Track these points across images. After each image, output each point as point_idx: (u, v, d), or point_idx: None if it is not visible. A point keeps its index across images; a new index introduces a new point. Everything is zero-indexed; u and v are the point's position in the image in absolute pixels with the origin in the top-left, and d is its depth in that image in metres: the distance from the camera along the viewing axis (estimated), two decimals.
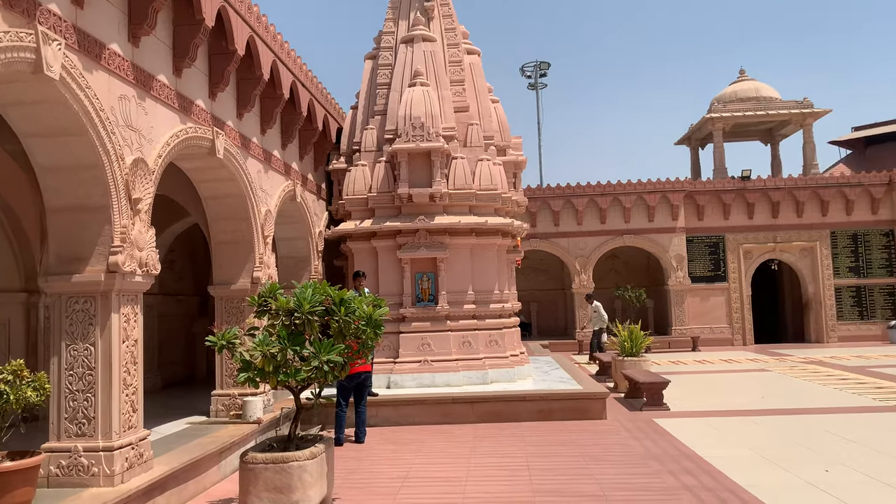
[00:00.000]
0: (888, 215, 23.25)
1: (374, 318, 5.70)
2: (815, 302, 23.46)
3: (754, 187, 23.45)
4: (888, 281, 23.13)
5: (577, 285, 23.62)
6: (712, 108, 26.62)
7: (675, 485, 6.41)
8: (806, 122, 26.13)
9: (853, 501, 5.74)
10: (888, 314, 23.02)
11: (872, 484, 6.27)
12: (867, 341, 22.62)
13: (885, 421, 9.31)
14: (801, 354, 19.36)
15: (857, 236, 23.31)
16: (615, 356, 13.46)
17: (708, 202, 23.66)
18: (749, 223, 23.58)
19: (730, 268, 23.53)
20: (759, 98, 26.52)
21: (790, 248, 23.50)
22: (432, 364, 11.16)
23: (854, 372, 14.84)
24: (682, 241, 23.45)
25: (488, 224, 11.74)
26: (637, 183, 23.62)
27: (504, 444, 8.44)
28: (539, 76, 37.89)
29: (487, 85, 13.52)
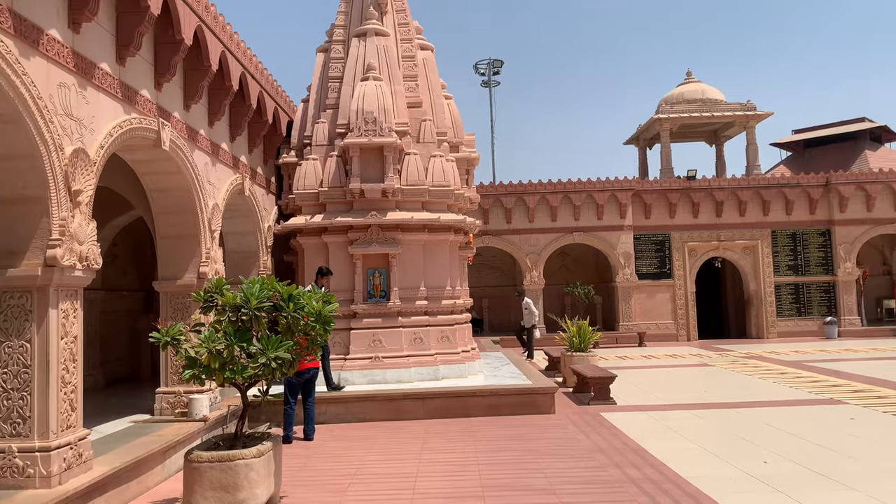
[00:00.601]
0: (825, 215, 24.18)
1: (323, 314, 5.64)
2: (756, 299, 24.25)
3: (699, 187, 24.09)
4: (825, 279, 24.07)
5: (529, 282, 23.87)
6: (660, 109, 27.22)
7: (621, 477, 6.54)
8: (749, 124, 26.96)
9: (788, 491, 5.96)
10: (824, 311, 23.96)
11: (806, 473, 6.52)
12: (805, 337, 23.52)
13: (820, 413, 9.69)
14: (743, 349, 19.99)
15: (796, 235, 24.19)
16: (564, 351, 13.66)
17: (655, 201, 24.20)
18: (694, 222, 24.22)
19: (675, 265, 24.13)
20: (704, 100, 27.22)
21: (733, 246, 24.22)
22: (383, 360, 11.13)
23: (792, 366, 15.40)
24: (629, 239, 23.93)
25: (441, 220, 11.75)
26: (587, 182, 23.99)
27: (454, 440, 8.48)
28: (492, 74, 38.10)
29: (441, 81, 13.53)
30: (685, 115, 26.56)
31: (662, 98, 28.27)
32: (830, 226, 24.11)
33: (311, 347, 5.84)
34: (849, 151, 30.26)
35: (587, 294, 24.09)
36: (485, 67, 38.15)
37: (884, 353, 17.68)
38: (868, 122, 30.82)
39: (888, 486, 5.99)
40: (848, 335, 23.24)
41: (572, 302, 25.13)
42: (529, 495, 6.06)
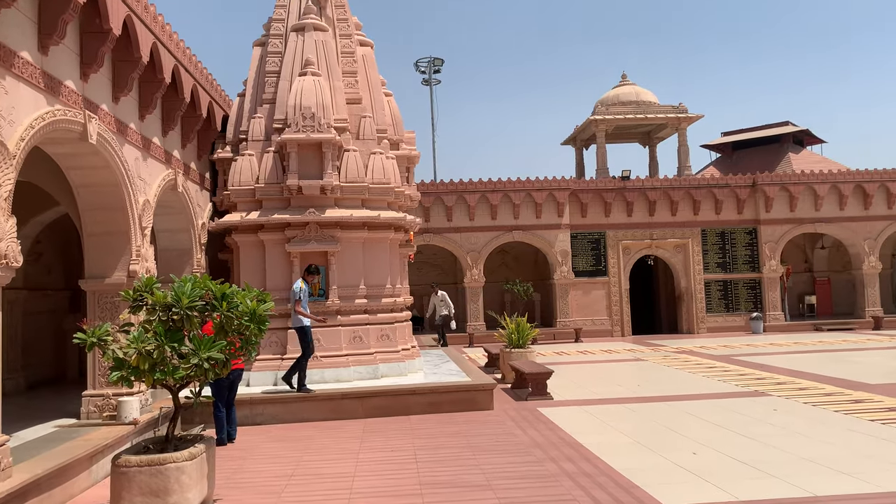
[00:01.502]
0: (752, 215, 25.18)
1: (258, 313, 5.55)
2: (686, 295, 25.07)
3: (633, 187, 24.73)
4: (751, 276, 25.08)
5: (469, 280, 24.03)
6: (596, 111, 27.81)
7: (556, 471, 6.67)
8: (681, 126, 27.82)
9: (715, 480, 6.19)
10: (751, 306, 24.97)
11: (732, 463, 6.79)
12: (732, 332, 24.46)
13: (746, 405, 10.10)
14: (674, 344, 20.65)
15: (725, 234, 25.12)
16: (503, 348, 13.81)
17: (591, 200, 24.71)
18: (628, 221, 24.86)
19: (610, 263, 24.72)
20: (638, 102, 27.95)
21: (665, 244, 24.97)
22: (322, 360, 11.01)
23: (720, 360, 16.00)
24: (566, 237, 24.37)
25: (381, 218, 11.70)
26: (526, 181, 24.31)
27: (393, 438, 8.47)
28: (433, 72, 38.12)
29: (381, 78, 13.47)
30: (620, 116, 27.22)
31: (598, 100, 28.89)
32: (756, 225, 25.13)
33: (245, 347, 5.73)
34: (774, 154, 31.61)
35: (526, 291, 24.44)
36: (425, 65, 38.13)
37: (805, 347, 18.56)
38: (792, 126, 32.27)
39: (808, 474, 6.29)
40: (773, 330, 24.29)
41: (512, 299, 25.43)
42: (467, 491, 6.12)
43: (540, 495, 5.92)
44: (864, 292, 25.00)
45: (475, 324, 23.87)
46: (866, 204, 25.06)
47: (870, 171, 25.12)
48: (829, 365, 14.44)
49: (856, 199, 25.14)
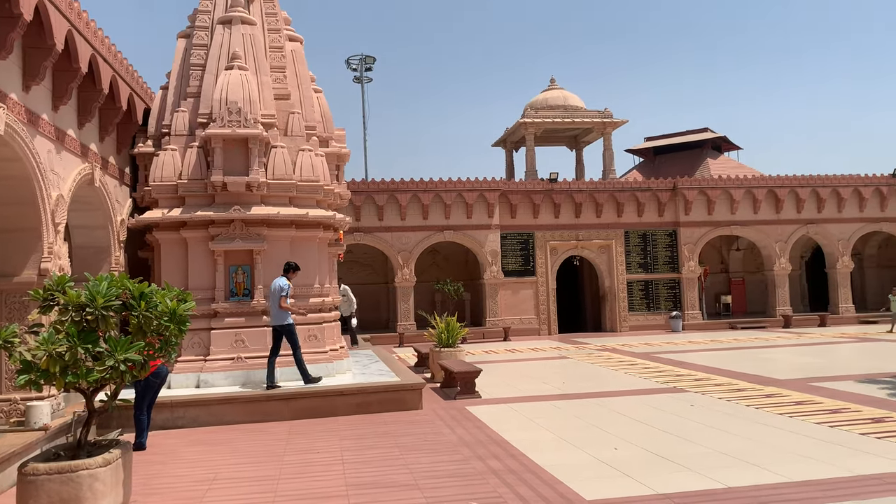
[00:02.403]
0: (672, 217, 26.15)
1: (178, 313, 5.37)
2: (610, 294, 25.81)
3: (560, 189, 25.27)
4: (671, 276, 26.04)
5: (400, 279, 23.99)
6: (525, 114, 28.26)
7: (483, 469, 6.74)
8: (606, 130, 28.60)
9: (635, 474, 6.40)
10: (670, 306, 25.92)
11: (651, 457, 7.04)
12: (653, 330, 25.33)
13: (664, 401, 10.47)
14: (598, 342, 21.22)
15: (647, 236, 25.98)
16: (433, 347, 13.86)
17: (520, 202, 25.11)
18: (555, 222, 25.39)
19: (538, 263, 25.18)
20: (566, 106, 28.57)
21: (590, 245, 25.63)
22: (247, 361, 10.77)
23: (641, 358, 16.54)
24: (496, 238, 24.68)
25: (309, 216, 11.53)
26: (457, 181, 24.47)
27: (320, 440, 8.37)
28: (364, 70, 37.86)
29: (310, 74, 13.28)
30: (548, 120, 27.75)
31: (528, 103, 29.37)
32: (676, 227, 26.11)
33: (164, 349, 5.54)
34: (693, 159, 32.94)
35: (457, 291, 24.62)
36: (357, 63, 37.85)
37: (721, 345, 19.41)
38: (710, 133, 33.70)
39: (722, 466, 6.59)
40: (691, 328, 25.29)
41: (443, 299, 25.55)
42: (393, 491, 6.11)
43: (466, 493, 5.98)
44: (776, 292, 26.35)
45: (405, 323, 23.86)
46: (778, 208, 26.41)
47: (781, 178, 26.50)
48: (742, 362, 15.15)
49: (768, 204, 26.47)
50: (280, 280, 10.35)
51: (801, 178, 26.45)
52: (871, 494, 5.53)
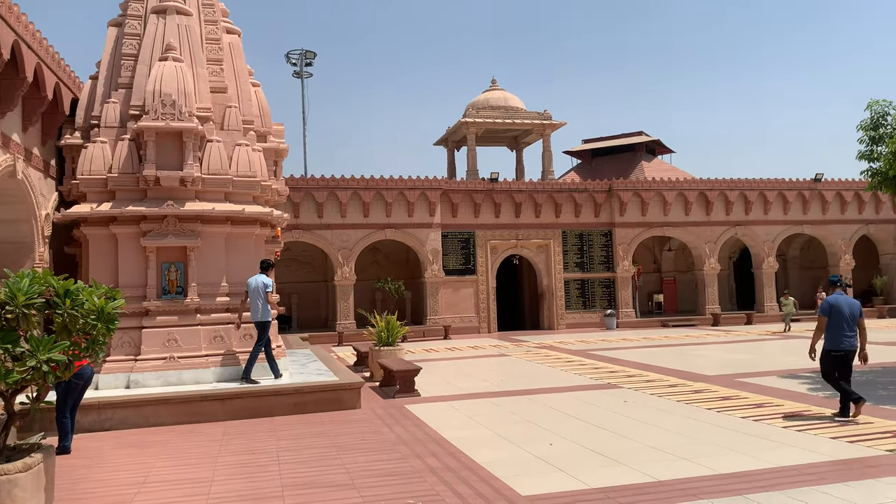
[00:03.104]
0: (607, 218, 26.78)
1: (106, 311, 5.18)
2: (548, 293, 26.25)
3: (501, 189, 25.54)
4: (606, 275, 26.67)
5: (340, 277, 23.79)
6: (467, 114, 28.44)
7: (421, 467, 6.75)
8: (545, 132, 29.07)
9: (569, 469, 6.52)
10: (605, 304, 26.56)
11: (586, 452, 7.19)
12: (589, 327, 25.89)
13: (599, 397, 10.72)
14: (536, 340, 21.54)
15: (583, 236, 26.54)
16: (372, 346, 13.79)
17: (461, 201, 25.25)
18: (496, 221, 25.64)
19: (479, 262, 25.39)
20: (507, 107, 28.90)
21: (529, 244, 26.00)
22: (179, 361, 10.48)
23: (577, 355, 16.88)
24: (437, 236, 24.75)
25: (245, 213, 11.30)
26: (399, 179, 24.42)
27: (255, 440, 8.22)
28: (305, 65, 37.36)
29: (248, 68, 13.02)
30: (489, 120, 28.01)
31: (469, 103, 29.56)
32: (612, 228, 26.75)
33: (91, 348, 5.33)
34: (628, 161, 33.81)
35: (397, 289, 24.58)
36: (297, 58, 37.31)
37: (653, 342, 19.99)
38: (645, 136, 34.66)
39: (652, 460, 6.79)
40: (625, 326, 25.96)
41: (383, 297, 25.47)
42: (330, 491, 6.05)
43: (404, 492, 5.97)
44: (705, 291, 27.32)
45: (345, 322, 23.68)
46: (708, 210, 27.38)
47: (711, 181, 27.47)
48: (673, 358, 15.65)
49: (699, 206, 27.41)
50: (262, 277, 10.73)
51: (729, 182, 27.48)
52: (790, 485, 5.80)
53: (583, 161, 36.50)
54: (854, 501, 5.32)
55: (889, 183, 11.82)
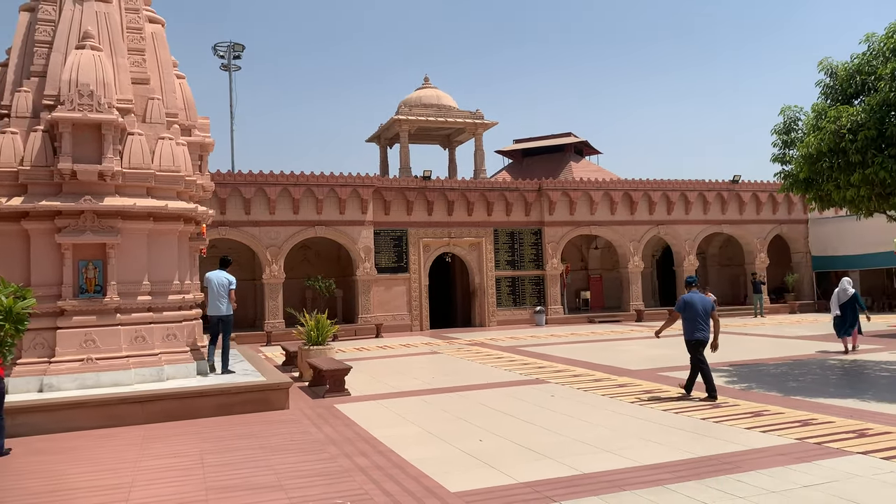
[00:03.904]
0: (537, 217, 27.24)
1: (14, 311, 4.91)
2: (480, 291, 26.49)
3: (434, 187, 25.60)
4: (536, 273, 27.13)
5: (268, 275, 23.32)
6: (399, 111, 28.37)
7: (350, 467, 6.70)
8: (477, 131, 29.32)
9: (498, 465, 6.61)
10: (535, 301, 27.00)
11: (514, 447, 7.30)
12: (519, 324, 26.28)
13: (528, 392, 10.90)
14: (468, 337, 21.71)
15: (514, 234, 26.91)
16: (301, 345, 13.59)
17: (394, 198, 25.17)
18: (429, 219, 25.68)
19: (411, 260, 25.37)
20: (439, 106, 28.99)
21: (461, 242, 26.17)
22: (98, 362, 10.04)
23: (508, 351, 17.11)
24: (370, 234, 24.59)
25: (169, 208, 10.93)
26: (330, 176, 24.13)
27: (178, 444, 7.97)
28: (233, 58, 36.44)
29: (173, 59, 12.59)
30: (422, 118, 28.03)
31: (402, 100, 29.50)
32: (541, 226, 27.23)
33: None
34: (557, 162, 34.49)
35: (328, 287, 24.28)
36: (224, 50, 36.35)
37: (580, 338, 20.47)
38: (573, 138, 35.42)
39: (579, 454, 6.95)
40: (553, 322, 26.48)
41: (313, 296, 25.12)
42: (256, 493, 5.93)
43: (333, 491, 5.92)
44: (630, 288, 28.16)
45: (274, 321, 23.24)
46: (632, 210, 28.22)
47: (636, 181, 28.33)
48: (599, 353, 16.06)
49: (624, 206, 28.22)
50: (223, 273, 11.56)
51: (653, 182, 28.40)
52: (710, 474, 6.05)
53: (514, 161, 36.99)
54: (766, 488, 5.60)
55: (800, 185, 12.46)
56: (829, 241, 29.29)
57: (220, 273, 11.52)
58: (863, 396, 9.53)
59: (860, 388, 10.25)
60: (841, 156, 11.06)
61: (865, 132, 10.62)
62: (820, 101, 12.34)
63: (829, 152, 11.17)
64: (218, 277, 11.46)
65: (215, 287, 11.45)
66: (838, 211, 21.83)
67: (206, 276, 11.64)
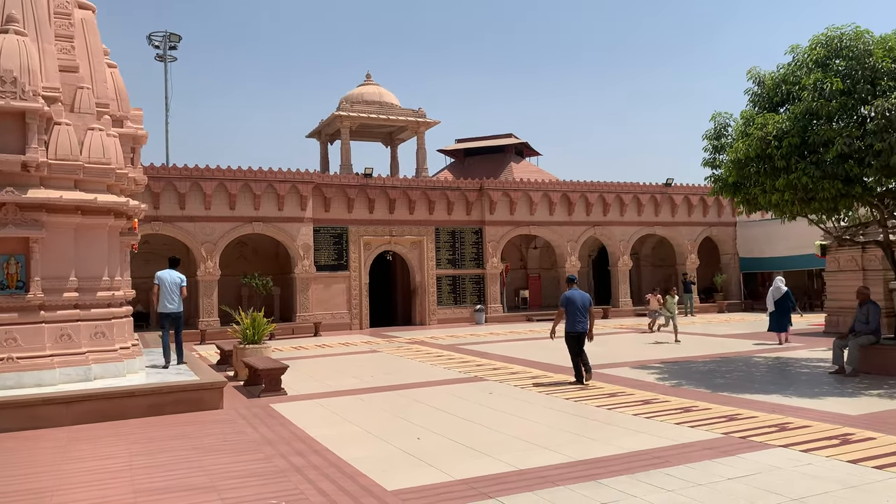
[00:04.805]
0: (478, 216, 27.45)
1: None
2: (421, 289, 26.52)
3: (375, 185, 25.48)
4: (476, 272, 27.34)
5: (203, 272, 22.76)
6: (341, 107, 28.10)
7: (286, 467, 6.61)
8: (419, 129, 29.31)
9: (436, 463, 6.63)
10: (475, 299, 27.22)
11: (453, 445, 7.34)
12: (460, 322, 26.43)
13: (466, 390, 10.97)
14: (408, 336, 21.70)
15: (456, 233, 27.04)
16: (237, 344, 13.31)
17: (334, 195, 24.93)
18: (370, 217, 25.54)
19: (352, 258, 25.18)
20: (381, 103, 28.85)
21: (403, 241, 26.13)
22: (19, 362, 9.58)
23: (447, 349, 17.18)
24: (309, 231, 24.28)
25: (98, 202, 10.52)
26: (268, 171, 23.71)
27: (106, 446, 7.69)
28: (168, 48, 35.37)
29: (104, 47, 12.13)
30: (364, 115, 27.84)
31: (344, 96, 29.23)
32: (482, 226, 27.45)
33: None
34: (498, 162, 34.82)
35: (265, 285, 23.85)
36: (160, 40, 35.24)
37: (518, 336, 20.74)
38: (514, 138, 35.82)
39: (515, 450, 7.04)
40: (493, 321, 26.75)
41: (250, 293, 24.64)
42: (188, 495, 5.78)
43: (267, 492, 5.82)
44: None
45: (208, 319, 22.69)
46: (570, 210, 28.76)
47: (574, 183, 28.88)
48: (536, 351, 16.30)
49: (562, 207, 28.73)
50: (175, 272, 12.32)
51: (590, 185, 29.01)
52: (641, 468, 6.22)
53: (456, 160, 37.14)
54: (694, 480, 5.80)
55: (729, 189, 12.93)
56: (755, 244, 30.54)
57: (173, 272, 12.25)
58: (785, 392, 9.98)
59: (782, 385, 10.73)
60: (767, 161, 11.52)
61: (790, 139, 11.11)
62: (748, 109, 12.83)
63: (757, 158, 11.62)
64: (171, 276, 12.18)
65: (168, 285, 12.12)
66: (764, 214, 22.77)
67: (158, 276, 12.25)
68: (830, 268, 19.58)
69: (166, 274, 12.24)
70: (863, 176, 11.03)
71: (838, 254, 19.03)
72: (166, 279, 12.16)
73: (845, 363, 11.46)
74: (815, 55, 11.74)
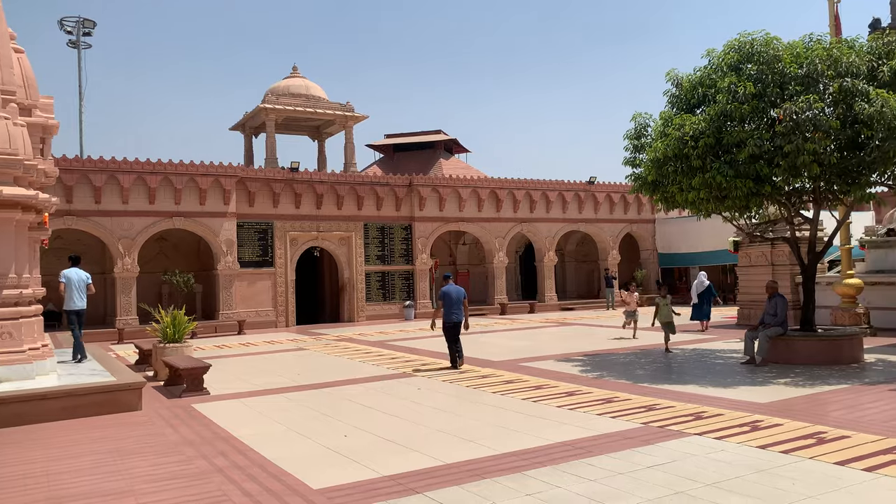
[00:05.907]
0: (408, 212, 27.43)
1: None
2: (349, 285, 26.30)
3: (302, 179, 25.08)
4: (406, 268, 27.33)
5: (121, 269, 21.86)
6: (266, 100, 27.52)
7: (208, 468, 6.44)
8: (348, 124, 29.05)
9: (363, 460, 6.60)
10: (404, 296, 27.21)
11: (380, 442, 7.32)
12: (389, 319, 26.36)
13: (395, 387, 10.97)
14: (336, 333, 21.49)
15: (385, 229, 26.94)
16: (156, 343, 12.86)
17: (259, 189, 24.39)
18: (296, 212, 25.13)
19: (277, 253, 24.71)
20: (308, 96, 28.42)
21: (331, 237, 25.84)
22: None
23: (376, 346, 17.11)
24: (232, 226, 23.69)
25: (4, 195, 9.93)
26: (190, 164, 22.97)
27: (17, 452, 7.29)
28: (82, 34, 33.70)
29: (10, 31, 11.43)
30: (290, 108, 27.36)
31: (269, 88, 28.62)
32: (412, 222, 27.45)
33: None
34: (428, 158, 34.90)
35: (186, 282, 23.12)
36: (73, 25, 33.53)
37: None
38: (444, 135, 35.96)
39: (442, 445, 7.09)
40: (422, 316, 26.78)
41: (170, 291, 23.83)
42: (105, 500, 5.55)
43: (188, 494, 5.66)
44: (495, 283, 29.06)
45: (126, 318, 21.82)
46: (498, 207, 29.12)
47: (502, 180, 29.25)
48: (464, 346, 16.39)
49: (490, 203, 29.06)
50: (81, 270, 12.46)
51: (517, 182, 29.46)
52: (564, 459, 6.38)
53: (385, 155, 36.98)
54: (615, 470, 5.99)
55: (648, 187, 13.38)
56: (673, 240, 31.76)
57: (79, 270, 12.49)
58: (700, 382, 10.43)
59: (697, 375, 11.21)
60: (684, 161, 11.99)
61: (705, 140, 11.60)
62: (667, 110, 13.31)
63: (674, 157, 12.07)
64: (78, 275, 12.39)
65: (75, 283, 12.31)
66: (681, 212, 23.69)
67: (65, 274, 12.36)
68: (742, 263, 20.60)
69: (73, 272, 12.36)
70: (772, 175, 11.64)
71: (749, 249, 20.03)
72: (74, 278, 12.31)
73: (755, 354, 12.08)
74: (728, 59, 12.29)
